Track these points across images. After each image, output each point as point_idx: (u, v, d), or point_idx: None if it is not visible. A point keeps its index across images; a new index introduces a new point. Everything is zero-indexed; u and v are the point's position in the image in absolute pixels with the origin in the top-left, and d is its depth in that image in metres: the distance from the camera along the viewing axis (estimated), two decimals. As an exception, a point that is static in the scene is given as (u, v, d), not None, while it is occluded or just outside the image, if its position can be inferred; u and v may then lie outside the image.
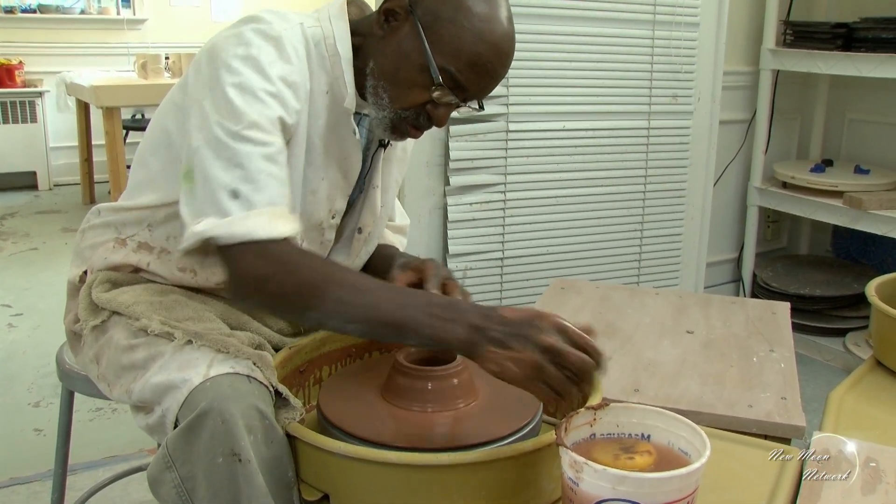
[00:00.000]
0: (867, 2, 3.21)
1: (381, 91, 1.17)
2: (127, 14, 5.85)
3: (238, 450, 0.97)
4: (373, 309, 0.99)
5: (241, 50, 1.10)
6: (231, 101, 1.06)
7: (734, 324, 1.79)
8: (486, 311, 0.97)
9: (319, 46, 1.18)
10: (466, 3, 1.12)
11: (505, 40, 1.15)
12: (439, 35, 1.12)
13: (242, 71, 1.08)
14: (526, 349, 0.93)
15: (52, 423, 1.74)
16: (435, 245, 2.52)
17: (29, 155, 5.48)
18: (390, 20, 1.16)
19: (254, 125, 1.06)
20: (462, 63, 1.13)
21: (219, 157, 1.04)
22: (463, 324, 0.96)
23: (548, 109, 2.56)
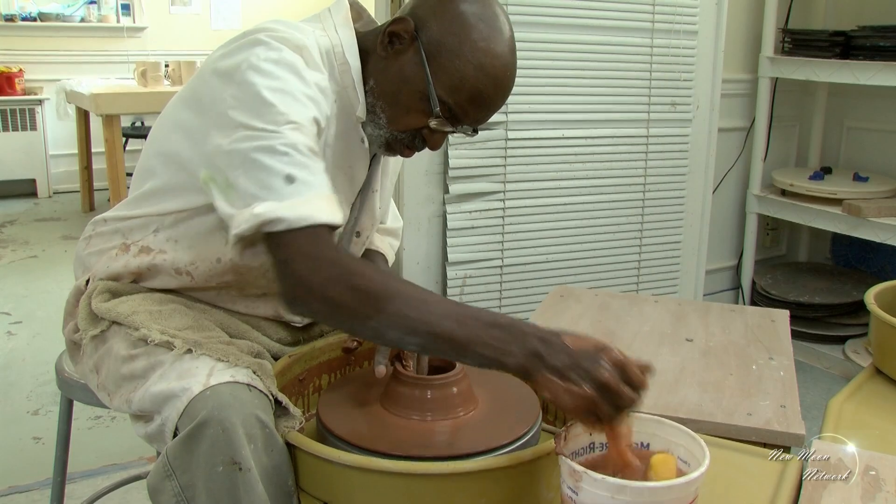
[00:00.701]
0: (865, 10, 3.22)
1: (380, 111, 1.18)
2: (127, 22, 5.86)
3: (238, 458, 0.97)
4: (434, 324, 0.95)
5: (274, 54, 1.07)
6: (269, 103, 1.02)
7: (733, 332, 1.79)
8: (549, 337, 0.93)
9: (329, 55, 1.18)
10: (471, 35, 1.12)
11: (507, 74, 1.15)
12: (442, 66, 1.12)
13: (279, 74, 1.05)
14: (583, 383, 0.90)
15: (51, 432, 1.73)
16: (434, 253, 2.53)
17: (28, 163, 5.48)
18: (394, 43, 1.15)
19: (294, 124, 1.03)
20: (462, 97, 1.13)
21: (262, 151, 1.00)
22: (523, 348, 0.93)
23: (547, 117, 2.56)
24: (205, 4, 6.14)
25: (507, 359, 0.93)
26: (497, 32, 1.13)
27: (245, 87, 1.04)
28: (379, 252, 1.45)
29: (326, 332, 1.38)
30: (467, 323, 0.95)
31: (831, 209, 2.94)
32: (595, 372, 0.90)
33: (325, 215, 0.99)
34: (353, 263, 0.99)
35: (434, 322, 0.95)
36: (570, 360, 0.91)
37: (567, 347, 0.92)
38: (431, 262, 2.53)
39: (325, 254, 0.98)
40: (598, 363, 0.90)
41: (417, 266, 2.51)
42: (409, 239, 2.47)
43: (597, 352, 0.92)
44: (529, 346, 0.93)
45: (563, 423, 1.19)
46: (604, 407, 0.89)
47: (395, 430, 1.09)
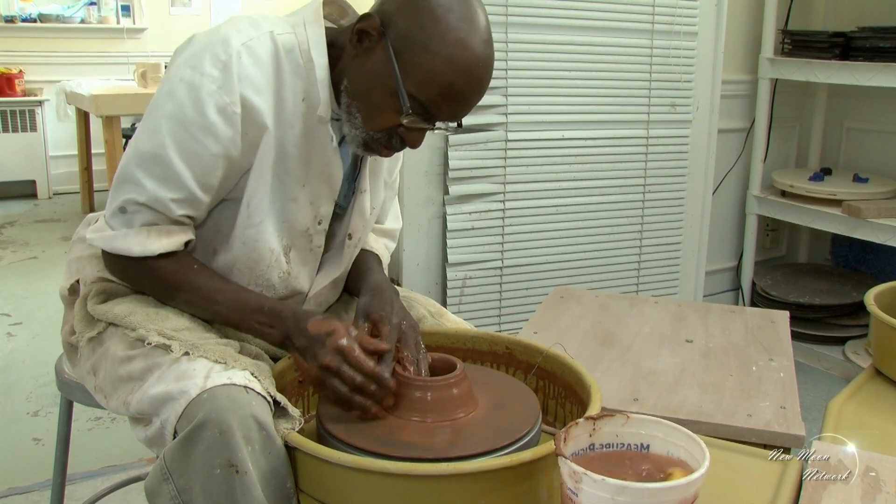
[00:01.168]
0: (865, 11, 3.22)
1: (355, 110, 1.16)
2: (127, 23, 5.86)
3: (235, 461, 0.97)
4: (212, 312, 1.18)
5: (188, 74, 1.11)
6: (159, 130, 1.12)
7: (733, 333, 1.79)
8: (299, 322, 1.12)
9: (293, 54, 1.17)
10: (440, 27, 1.08)
11: (479, 66, 1.11)
12: (411, 62, 1.09)
13: (181, 99, 1.11)
14: (312, 364, 1.09)
15: (51, 433, 1.73)
16: (434, 254, 2.53)
17: (28, 164, 5.48)
18: (363, 40, 1.13)
19: (164, 161, 1.11)
20: (433, 93, 1.10)
21: (130, 164, 1.14)
22: (279, 331, 1.14)
23: (547, 119, 2.56)
24: (205, 5, 6.14)
25: (267, 338, 1.16)
26: (468, 23, 1.09)
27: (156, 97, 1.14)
28: (373, 252, 1.43)
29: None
30: (239, 309, 1.16)
31: (831, 210, 2.94)
32: (319, 356, 1.08)
33: (138, 250, 1.15)
34: (159, 262, 1.16)
35: (213, 309, 1.17)
36: (307, 342, 1.10)
37: (307, 332, 1.11)
38: (431, 263, 2.53)
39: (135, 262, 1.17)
40: (322, 348, 1.08)
41: (417, 267, 2.51)
42: (409, 240, 2.47)
43: (325, 336, 1.09)
44: (282, 329, 1.13)
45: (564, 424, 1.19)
46: (330, 383, 1.08)
47: (396, 432, 1.08)
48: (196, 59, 1.12)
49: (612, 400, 1.45)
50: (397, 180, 1.48)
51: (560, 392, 1.27)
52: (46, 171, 5.57)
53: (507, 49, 2.39)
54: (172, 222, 1.16)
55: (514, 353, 1.34)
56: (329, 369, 1.07)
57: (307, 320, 1.12)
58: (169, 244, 1.15)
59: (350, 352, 1.08)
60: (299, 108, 1.17)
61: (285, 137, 1.17)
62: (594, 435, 0.98)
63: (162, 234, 1.15)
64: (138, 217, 1.14)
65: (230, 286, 1.20)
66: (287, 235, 1.24)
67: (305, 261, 1.28)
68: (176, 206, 1.14)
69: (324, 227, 1.28)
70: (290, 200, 1.21)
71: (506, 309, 2.62)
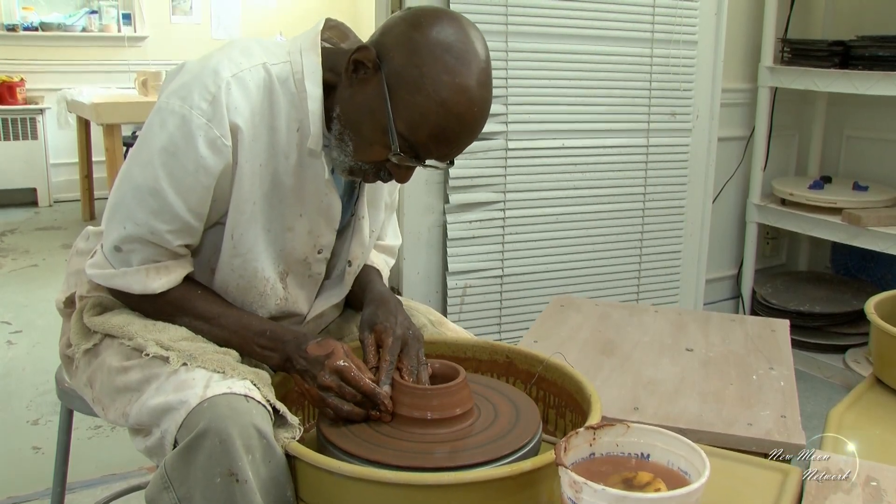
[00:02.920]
0: (864, 20, 3.23)
1: (346, 139, 1.14)
2: (128, 31, 5.88)
3: (235, 470, 0.97)
4: (214, 336, 1.18)
5: (178, 105, 1.11)
6: (152, 162, 1.12)
7: (733, 341, 1.79)
8: (300, 345, 1.14)
9: (287, 84, 1.15)
10: (436, 68, 1.05)
11: (474, 111, 1.08)
12: (403, 101, 1.06)
13: (172, 133, 1.11)
14: (313, 386, 1.11)
15: (51, 442, 1.73)
16: (434, 263, 2.53)
17: (29, 171, 5.49)
18: (359, 71, 1.10)
19: (157, 193, 1.11)
20: (422, 134, 1.08)
21: (124, 198, 1.15)
22: (279, 354, 1.15)
23: (547, 127, 2.57)
24: (205, 14, 6.16)
25: (268, 361, 1.17)
26: (464, 65, 1.05)
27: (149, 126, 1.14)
28: (373, 267, 1.43)
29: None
30: (241, 332, 1.18)
31: (831, 218, 2.94)
32: (318, 377, 1.10)
33: (138, 288, 1.16)
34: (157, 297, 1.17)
35: (214, 333, 1.18)
36: (307, 365, 1.12)
37: (306, 354, 1.12)
38: (432, 271, 2.53)
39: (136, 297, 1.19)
40: (322, 368, 1.10)
41: (418, 276, 2.51)
42: (409, 249, 2.48)
43: (325, 358, 1.11)
44: (283, 352, 1.15)
45: (564, 434, 1.19)
46: (330, 402, 1.10)
47: (396, 441, 1.08)
48: (186, 90, 1.11)
49: (612, 409, 1.45)
50: (396, 199, 1.47)
51: (560, 401, 1.27)
52: (47, 179, 5.57)
53: (508, 58, 2.39)
54: (170, 256, 1.17)
55: (515, 363, 1.34)
56: (329, 389, 1.10)
57: (307, 343, 1.14)
58: (168, 282, 1.17)
59: (348, 371, 1.10)
60: (294, 137, 1.16)
61: (279, 167, 1.16)
62: (594, 444, 0.98)
63: (161, 273, 1.16)
64: (135, 255, 1.16)
65: (232, 310, 1.21)
66: (283, 263, 1.23)
67: (303, 285, 1.29)
68: (172, 237, 1.14)
69: (325, 255, 1.28)
70: (286, 230, 1.21)
71: (506, 317, 2.62)
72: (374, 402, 1.10)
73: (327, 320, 1.38)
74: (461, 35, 1.07)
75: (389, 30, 1.10)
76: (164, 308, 1.19)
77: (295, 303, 1.28)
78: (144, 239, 1.14)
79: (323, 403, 1.10)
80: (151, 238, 1.14)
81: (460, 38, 1.07)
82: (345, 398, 1.10)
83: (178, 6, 6.06)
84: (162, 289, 1.16)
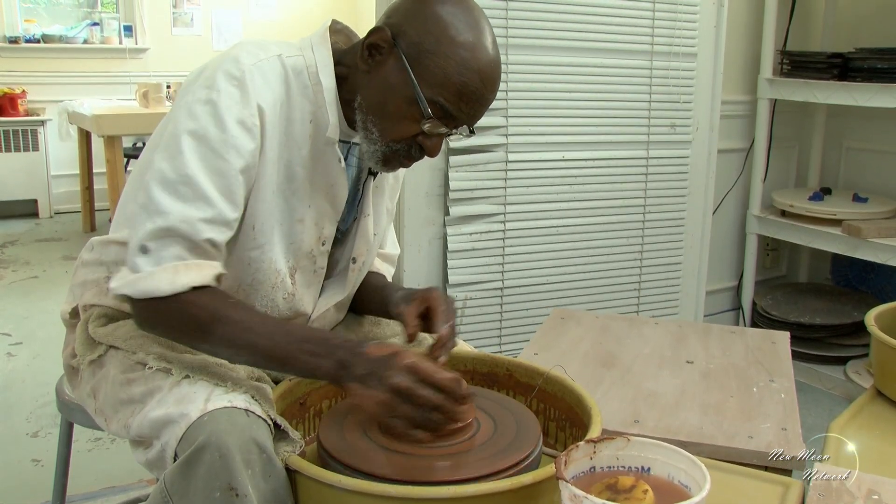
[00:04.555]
0: (862, 32, 3.24)
1: (371, 125, 1.17)
2: (129, 43, 5.90)
3: (235, 484, 0.96)
4: (254, 345, 1.07)
5: (204, 93, 1.12)
6: (181, 150, 1.09)
7: (734, 354, 1.79)
8: (355, 348, 1.04)
9: (301, 76, 1.18)
10: (449, 32, 1.12)
11: (490, 66, 1.15)
12: (425, 67, 1.12)
13: (200, 117, 1.10)
14: (378, 390, 1.00)
15: (51, 454, 1.73)
16: (435, 275, 2.53)
17: (30, 183, 5.50)
18: (374, 55, 1.16)
19: (189, 179, 1.09)
20: (450, 93, 1.13)
21: (149, 197, 1.09)
22: (332, 360, 1.04)
23: (547, 140, 2.57)
24: (206, 26, 6.18)
25: (318, 371, 1.06)
26: (474, 27, 1.14)
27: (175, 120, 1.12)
28: (377, 272, 1.46)
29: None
30: (284, 340, 1.07)
31: (831, 230, 2.94)
32: (388, 378, 1.00)
33: (167, 288, 1.06)
34: (193, 297, 1.08)
35: (254, 342, 1.06)
36: (369, 368, 1.01)
37: (368, 356, 1.02)
38: (432, 283, 2.53)
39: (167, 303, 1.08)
40: (391, 369, 1.00)
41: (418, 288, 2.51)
42: (409, 261, 2.48)
43: (391, 358, 1.01)
44: (336, 358, 1.04)
45: (565, 447, 1.19)
46: (401, 408, 1.00)
47: (396, 455, 1.08)
48: (210, 80, 1.13)
49: (612, 421, 1.45)
50: (394, 208, 1.49)
51: (561, 414, 1.27)
52: (48, 191, 5.58)
53: (508, 70, 2.40)
54: (200, 254, 1.10)
55: (515, 375, 1.34)
56: (400, 390, 1.00)
57: (364, 345, 1.05)
58: (199, 277, 1.08)
59: (422, 367, 1.01)
60: (307, 129, 1.19)
61: (293, 158, 1.19)
62: (595, 458, 0.98)
63: (191, 269, 1.08)
64: (165, 252, 1.08)
65: (270, 318, 1.13)
66: (293, 257, 1.24)
67: (309, 283, 1.29)
68: (204, 226, 1.09)
69: (327, 248, 1.29)
70: (298, 221, 1.22)
71: (506, 330, 2.62)
72: (456, 397, 1.03)
73: (331, 322, 1.38)
74: (463, 3, 1.15)
75: (396, 10, 1.17)
76: (196, 316, 1.07)
77: (301, 300, 1.28)
78: (175, 231, 1.08)
79: (391, 411, 1.01)
80: (183, 228, 1.08)
81: (463, 5, 1.15)
82: (418, 402, 1.01)
83: (179, 18, 6.09)
84: (192, 283, 1.07)
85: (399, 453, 1.08)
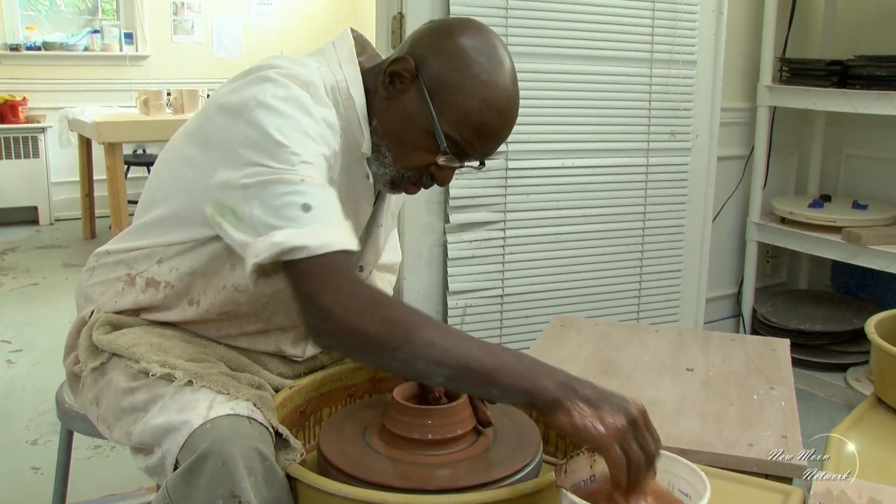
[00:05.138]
0: (861, 39, 3.25)
1: (385, 150, 1.18)
2: (129, 51, 5.91)
3: (238, 492, 0.96)
4: (463, 354, 0.95)
5: (282, 92, 1.07)
6: (280, 143, 1.02)
7: (734, 361, 1.79)
8: (575, 377, 0.96)
9: (335, 91, 1.18)
10: (472, 69, 1.13)
11: (510, 106, 1.16)
12: (445, 102, 1.13)
13: (288, 112, 1.05)
14: (618, 414, 0.91)
15: (51, 462, 1.73)
16: (435, 282, 2.53)
17: (30, 190, 5.51)
18: (395, 82, 1.16)
19: (306, 163, 1.02)
20: (468, 131, 1.14)
21: (277, 184, 1.00)
22: (553, 379, 0.95)
23: (547, 147, 2.58)
24: (207, 33, 6.20)
25: (537, 387, 0.93)
26: (498, 65, 1.14)
27: (255, 125, 1.04)
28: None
29: (327, 364, 1.38)
30: (495, 352, 0.96)
31: (831, 237, 2.95)
32: (627, 407, 0.92)
33: (344, 241, 0.99)
34: (377, 294, 0.99)
35: (462, 352, 0.95)
36: (602, 395, 0.93)
37: (595, 385, 0.95)
38: (432, 291, 2.53)
39: (349, 286, 0.97)
40: (627, 402, 0.93)
41: (418, 295, 2.51)
42: (409, 269, 2.48)
43: (622, 396, 0.94)
44: (559, 378, 0.95)
45: (564, 455, 1.19)
46: (632, 441, 0.90)
47: (397, 463, 1.08)
48: (276, 85, 1.07)
49: (613, 429, 1.44)
50: (398, 212, 1.49)
51: (561, 422, 1.27)
52: (48, 198, 5.59)
53: (508, 78, 2.39)
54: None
55: (515, 383, 1.33)
56: (637, 423, 0.91)
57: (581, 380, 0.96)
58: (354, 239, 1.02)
59: (648, 417, 0.94)
60: (339, 143, 1.18)
61: (332, 173, 1.18)
62: (595, 467, 0.98)
63: (349, 230, 1.02)
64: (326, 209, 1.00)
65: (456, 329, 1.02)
66: None
67: None
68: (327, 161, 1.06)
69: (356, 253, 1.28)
70: None
71: (506, 337, 2.62)
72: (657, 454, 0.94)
73: None
74: (488, 39, 1.16)
75: (419, 40, 1.17)
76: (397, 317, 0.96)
77: None
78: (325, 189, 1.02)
79: (623, 438, 0.90)
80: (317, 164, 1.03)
81: (488, 42, 1.15)
82: (642, 443, 0.91)
83: (179, 25, 6.10)
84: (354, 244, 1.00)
85: (398, 462, 1.08)
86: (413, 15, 2.32)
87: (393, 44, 2.39)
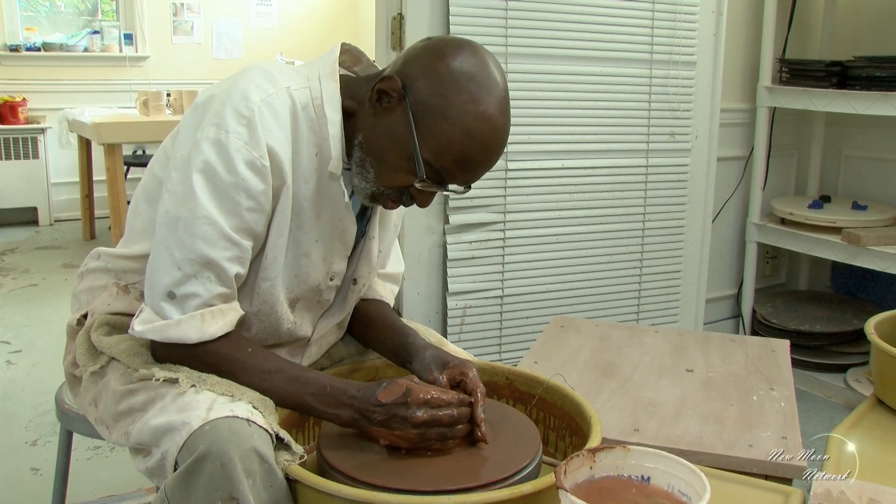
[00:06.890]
0: (861, 40, 3.25)
1: (368, 166, 1.16)
2: (129, 52, 5.92)
3: (236, 493, 0.96)
4: (274, 395, 1.12)
5: (213, 132, 1.10)
6: (194, 192, 1.09)
7: (734, 362, 1.79)
8: (367, 395, 1.10)
9: (307, 109, 1.16)
10: (459, 97, 1.08)
11: (495, 137, 1.12)
12: (429, 128, 1.09)
13: (210, 159, 1.09)
14: (405, 428, 1.08)
15: (50, 463, 1.73)
16: (434, 283, 2.53)
17: (30, 191, 5.51)
18: (382, 101, 1.13)
19: (206, 219, 1.09)
20: (448, 160, 1.11)
21: (168, 241, 1.11)
22: (349, 411, 1.11)
23: (546, 148, 2.58)
24: (207, 34, 6.19)
25: (337, 420, 1.12)
26: (487, 94, 1.09)
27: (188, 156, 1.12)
28: (381, 300, 1.43)
29: (327, 367, 1.38)
30: (301, 391, 1.13)
31: (831, 238, 2.95)
32: (410, 417, 1.07)
33: (195, 336, 1.11)
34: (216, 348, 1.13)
35: (274, 394, 1.12)
36: (388, 412, 1.08)
37: (380, 403, 1.09)
38: (432, 292, 2.53)
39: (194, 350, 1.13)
40: (409, 408, 1.08)
41: (418, 296, 2.51)
42: (409, 270, 2.48)
43: (405, 397, 1.08)
44: (354, 408, 1.10)
45: (564, 456, 1.19)
46: (429, 434, 1.09)
47: (396, 464, 1.08)
48: (219, 118, 1.11)
49: (612, 430, 1.45)
50: (400, 222, 1.48)
51: (561, 423, 1.27)
52: (48, 198, 5.59)
53: (507, 79, 2.38)
54: (223, 299, 1.13)
55: (515, 384, 1.34)
56: (425, 422, 1.08)
57: (374, 392, 1.10)
58: (224, 325, 1.13)
59: (436, 399, 1.10)
60: (313, 162, 1.17)
61: (300, 192, 1.17)
62: (594, 467, 0.98)
63: (216, 317, 1.12)
64: (191, 301, 1.10)
65: (285, 365, 1.16)
66: (297, 289, 1.24)
67: (310, 309, 1.29)
68: (229, 264, 1.12)
69: (336, 283, 1.28)
70: (303, 255, 1.21)
71: (506, 338, 2.62)
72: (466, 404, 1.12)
73: (329, 342, 1.38)
74: (482, 65, 1.11)
75: (412, 60, 1.13)
76: (218, 366, 1.13)
77: (301, 327, 1.28)
78: (201, 275, 1.10)
79: (424, 440, 1.09)
80: (208, 271, 1.10)
81: (481, 68, 1.10)
82: (442, 423, 1.09)
83: (179, 27, 6.10)
84: (219, 333, 1.12)
85: (398, 463, 1.08)
86: (413, 16, 2.31)
87: (393, 44, 2.38)
